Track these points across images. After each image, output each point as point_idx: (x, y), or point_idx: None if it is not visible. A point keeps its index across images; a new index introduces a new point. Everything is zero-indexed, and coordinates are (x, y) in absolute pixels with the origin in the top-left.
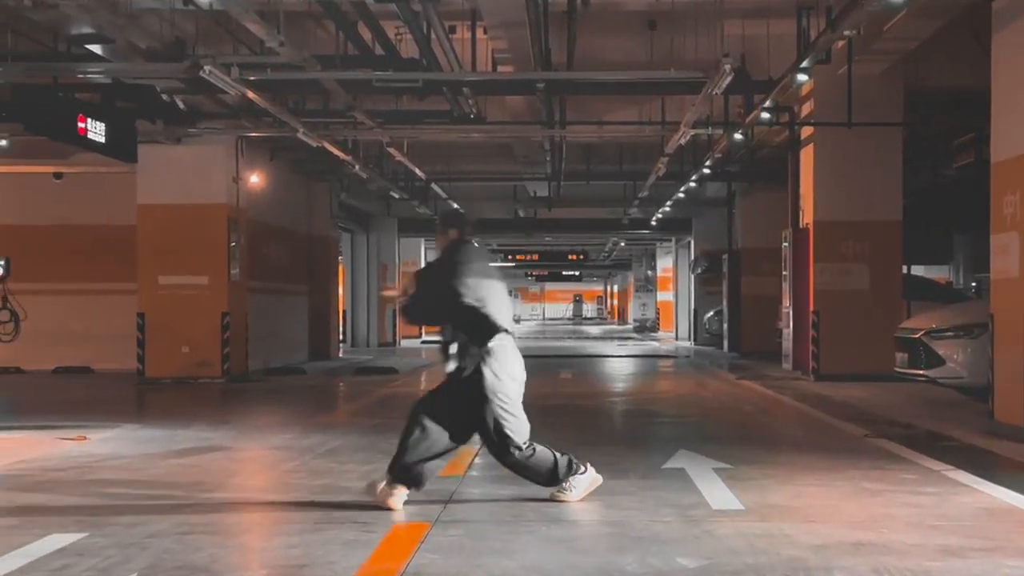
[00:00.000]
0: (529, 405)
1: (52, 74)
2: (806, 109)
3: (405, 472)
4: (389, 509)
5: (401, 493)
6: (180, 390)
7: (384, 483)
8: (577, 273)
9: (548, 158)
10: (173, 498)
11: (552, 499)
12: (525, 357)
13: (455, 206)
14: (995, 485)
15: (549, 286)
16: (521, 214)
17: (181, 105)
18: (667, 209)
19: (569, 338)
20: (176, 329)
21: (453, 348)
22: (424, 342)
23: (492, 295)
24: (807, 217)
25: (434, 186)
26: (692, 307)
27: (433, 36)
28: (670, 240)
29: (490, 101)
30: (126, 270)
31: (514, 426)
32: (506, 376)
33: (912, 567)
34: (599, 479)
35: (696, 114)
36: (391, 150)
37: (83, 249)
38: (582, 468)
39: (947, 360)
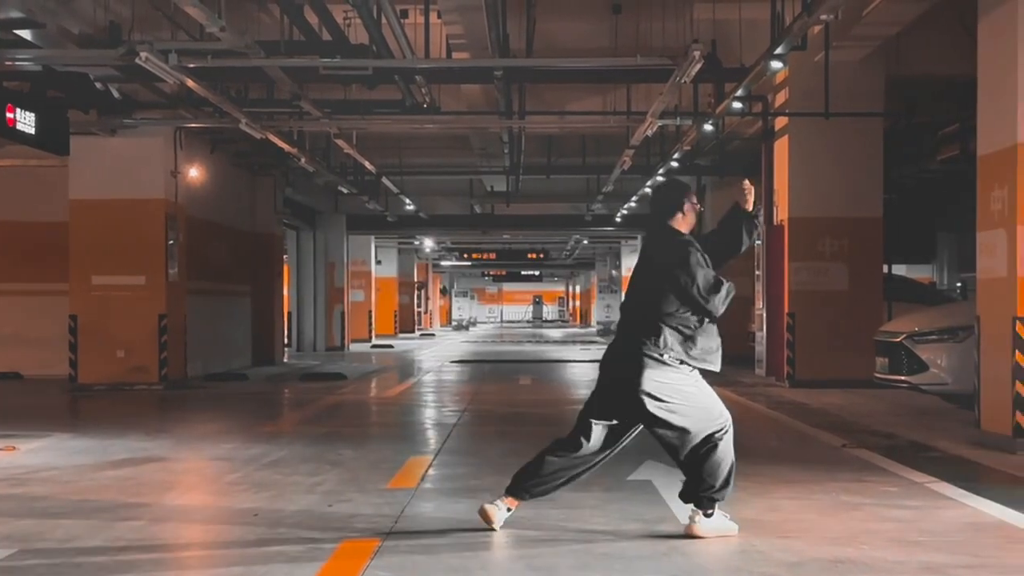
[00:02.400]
0: (486, 413)
1: None
2: (780, 98)
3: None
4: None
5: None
6: (115, 397)
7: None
8: (537, 273)
9: (506, 151)
10: (107, 512)
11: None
12: (480, 362)
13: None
14: (981, 498)
15: (507, 287)
16: (478, 210)
17: (116, 94)
18: (633, 205)
19: (528, 342)
20: (111, 332)
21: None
22: (375, 346)
23: None
24: (781, 213)
25: (385, 180)
26: None
27: (384, 21)
28: (635, 238)
29: (445, 90)
30: (58, 269)
31: None
32: None
33: None
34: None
35: (663, 104)
36: (339, 142)
37: (11, 247)
38: None
39: (930, 365)
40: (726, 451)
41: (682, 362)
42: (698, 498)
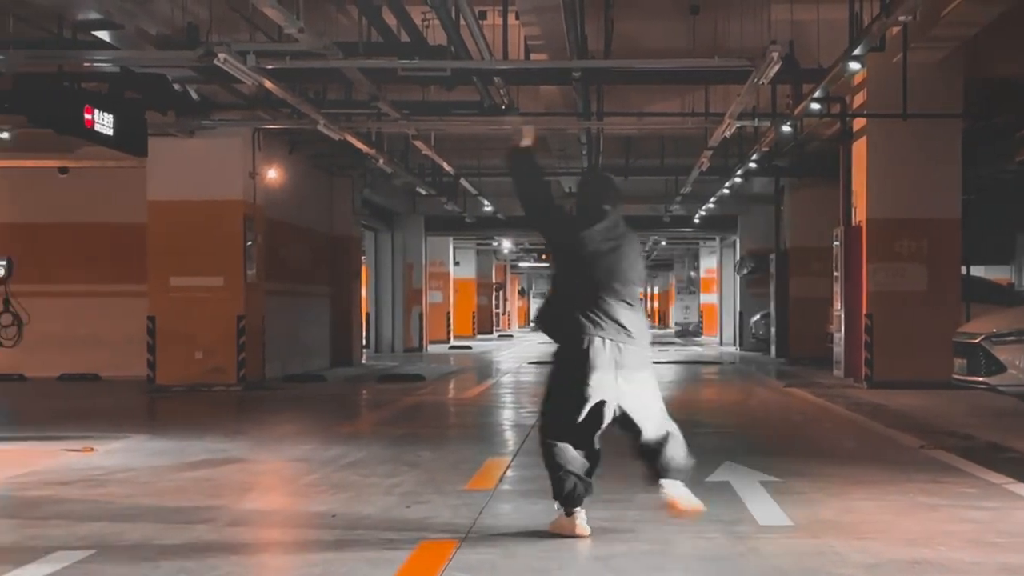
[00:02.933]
0: None
1: (57, 62)
2: (858, 100)
3: None
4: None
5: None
6: (193, 398)
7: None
8: None
9: (584, 152)
10: (186, 513)
11: None
12: None
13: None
14: None
15: None
16: None
17: (194, 95)
18: (711, 206)
19: None
20: (189, 333)
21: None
22: (453, 347)
23: None
24: (860, 214)
25: (463, 181)
26: (737, 310)
27: (462, 22)
28: (714, 239)
29: (523, 91)
30: (136, 271)
31: None
32: None
33: None
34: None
35: (742, 105)
36: (417, 143)
37: (90, 248)
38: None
39: (1009, 366)
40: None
41: None
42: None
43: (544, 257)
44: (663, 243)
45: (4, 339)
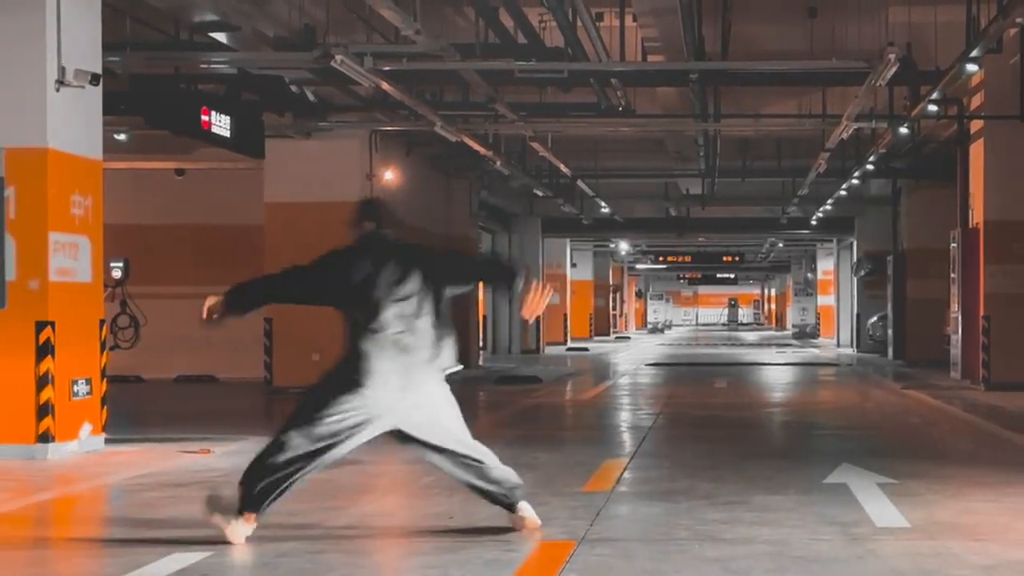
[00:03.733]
0: (680, 416)
1: (174, 64)
2: (976, 101)
3: None
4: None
5: None
6: None
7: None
8: (732, 276)
9: (701, 153)
10: (303, 515)
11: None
12: (675, 365)
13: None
14: None
15: (702, 289)
16: (673, 213)
17: (311, 97)
18: (828, 207)
19: (723, 345)
20: (305, 336)
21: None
22: (570, 349)
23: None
24: (977, 216)
25: (580, 183)
26: (854, 312)
27: (579, 23)
28: (831, 241)
29: (640, 93)
30: (252, 272)
31: None
32: None
33: None
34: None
35: (859, 106)
36: (534, 145)
37: (206, 250)
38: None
39: None
40: None
41: None
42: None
43: (661, 259)
44: (780, 244)
45: (121, 341)
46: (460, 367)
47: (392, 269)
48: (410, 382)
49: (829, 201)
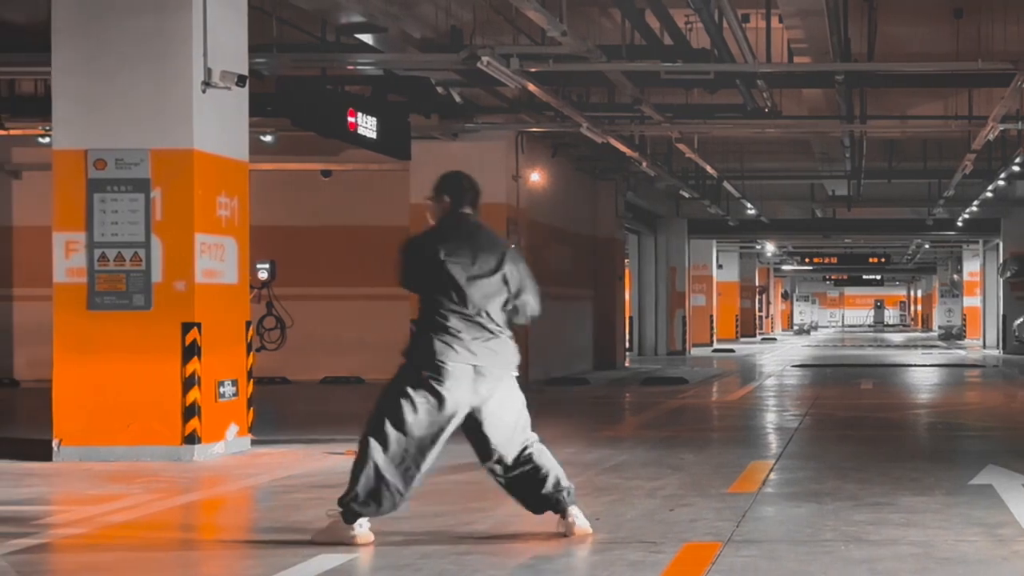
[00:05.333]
0: (827, 417)
1: (320, 66)
2: None
3: None
4: None
5: None
6: None
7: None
8: (878, 277)
9: (847, 155)
10: (449, 515)
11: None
12: (821, 366)
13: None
14: None
15: (848, 291)
16: (819, 214)
17: (457, 98)
18: (974, 209)
19: (869, 346)
20: None
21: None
22: (716, 350)
23: None
24: None
25: (726, 184)
26: (1000, 313)
27: (725, 25)
28: (977, 242)
29: (786, 94)
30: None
31: None
32: None
33: None
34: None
35: (1005, 108)
36: (680, 146)
37: (352, 251)
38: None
39: None
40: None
41: None
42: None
43: (807, 261)
44: (926, 246)
45: (268, 342)
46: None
47: (474, 250)
48: (486, 368)
49: (975, 202)
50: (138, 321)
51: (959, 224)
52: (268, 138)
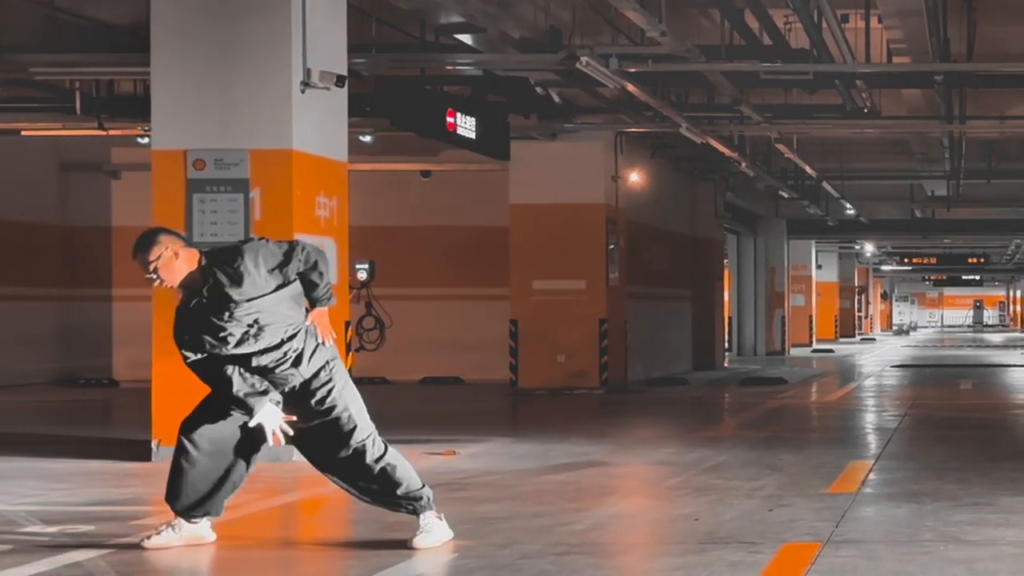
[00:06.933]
0: (926, 417)
1: (419, 66)
2: None
3: None
4: None
5: None
6: (555, 402)
7: None
8: (977, 277)
9: (946, 155)
10: (546, 516)
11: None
12: (921, 367)
13: None
14: None
15: (947, 291)
16: (918, 214)
17: (556, 99)
18: None
19: (968, 346)
20: (551, 337)
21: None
22: (815, 350)
23: None
24: None
25: (825, 184)
26: None
27: (824, 25)
28: None
29: (885, 94)
30: (497, 274)
31: None
32: None
33: None
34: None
35: None
36: (780, 146)
37: (451, 252)
38: None
39: None
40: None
41: None
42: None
43: (906, 261)
44: None
45: (367, 343)
46: None
47: None
48: None
49: None
50: None
51: None
52: (367, 138)
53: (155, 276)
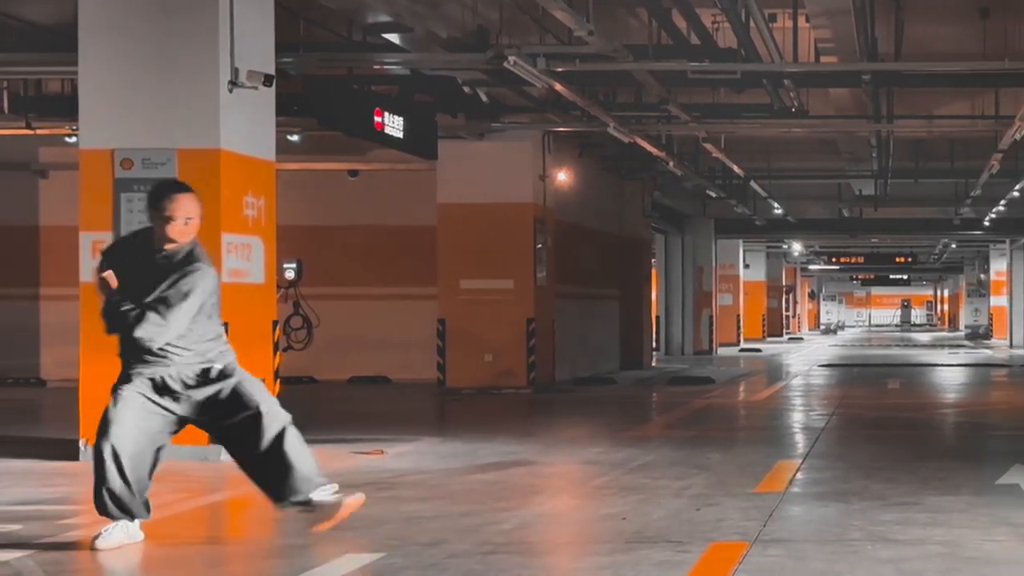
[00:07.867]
0: (854, 417)
1: (347, 65)
2: None
3: None
4: None
5: None
6: (483, 401)
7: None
8: (905, 277)
9: (874, 154)
10: (475, 515)
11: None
12: (848, 366)
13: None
14: None
15: (875, 290)
16: (846, 214)
17: (484, 98)
18: (1001, 208)
19: (896, 346)
20: (478, 336)
21: None
22: (743, 350)
23: None
24: None
25: (753, 184)
26: None
27: (752, 24)
28: (1004, 241)
29: (813, 94)
30: (425, 274)
31: None
32: None
33: None
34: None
35: None
36: (707, 146)
37: (379, 251)
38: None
39: None
40: None
41: None
42: None
43: (834, 260)
44: (953, 246)
45: (294, 342)
46: None
47: None
48: None
49: (1002, 202)
50: None
51: (986, 224)
52: (295, 138)
53: (187, 226)
